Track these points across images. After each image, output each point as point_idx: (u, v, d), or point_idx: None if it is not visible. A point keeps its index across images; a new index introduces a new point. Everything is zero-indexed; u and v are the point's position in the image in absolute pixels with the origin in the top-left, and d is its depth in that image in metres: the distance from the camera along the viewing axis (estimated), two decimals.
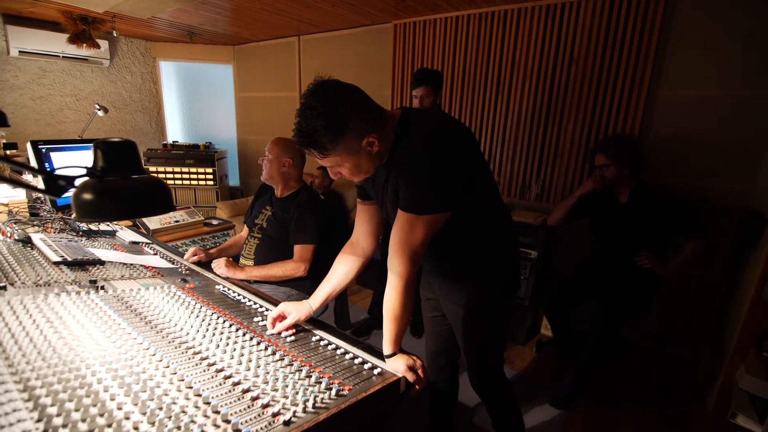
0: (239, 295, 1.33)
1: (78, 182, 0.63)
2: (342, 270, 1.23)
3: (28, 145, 1.81)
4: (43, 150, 1.89)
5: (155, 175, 4.47)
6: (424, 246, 1.00)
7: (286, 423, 0.68)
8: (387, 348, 0.98)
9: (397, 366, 0.94)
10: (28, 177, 2.00)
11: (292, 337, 1.05)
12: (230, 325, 1.05)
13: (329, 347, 1.01)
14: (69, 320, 0.92)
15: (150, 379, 0.74)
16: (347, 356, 0.97)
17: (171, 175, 4.51)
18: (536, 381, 2.29)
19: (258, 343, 0.97)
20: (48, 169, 0.55)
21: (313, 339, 1.06)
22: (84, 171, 0.65)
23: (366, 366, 0.93)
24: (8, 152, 2.55)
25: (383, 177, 1.07)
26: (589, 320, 2.13)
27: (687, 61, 2.30)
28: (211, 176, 4.52)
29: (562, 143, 2.76)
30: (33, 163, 1.82)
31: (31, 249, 1.44)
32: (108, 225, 2.01)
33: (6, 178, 0.51)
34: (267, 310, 1.22)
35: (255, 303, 1.27)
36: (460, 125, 1.06)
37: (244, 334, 1.01)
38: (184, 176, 4.53)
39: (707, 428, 1.93)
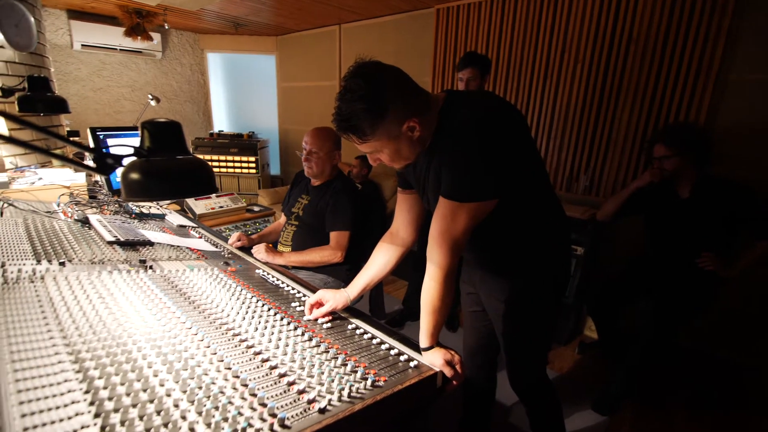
0: (278, 280, 1.35)
1: (126, 162, 0.64)
2: (380, 260, 1.21)
3: (88, 131, 1.93)
4: (101, 136, 2.00)
5: None
6: (466, 236, 0.95)
7: (321, 411, 0.66)
8: (424, 341, 0.95)
9: (435, 360, 0.90)
10: (89, 162, 2.13)
11: (329, 324, 1.04)
12: (269, 309, 1.05)
13: (365, 336, 1.00)
14: (119, 297, 0.96)
15: (191, 357, 0.75)
16: (383, 347, 0.95)
17: (216, 163, 4.69)
18: (578, 384, 2.18)
19: (295, 329, 0.97)
20: (97, 148, 0.56)
21: (349, 327, 1.05)
22: (132, 150, 0.66)
23: (402, 358, 0.91)
24: (71, 139, 2.73)
25: (425, 163, 1.02)
26: (639, 321, 1.99)
27: (764, 42, 2.04)
28: (253, 165, 4.66)
29: (616, 132, 2.57)
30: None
31: (89, 229, 1.53)
32: (158, 208, 2.11)
33: (62, 156, 0.52)
34: (304, 296, 1.23)
35: (293, 289, 1.27)
36: (512, 107, 0.99)
37: (281, 319, 1.01)
38: (229, 164, 4.70)
39: None
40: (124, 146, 0.65)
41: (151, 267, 1.23)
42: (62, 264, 1.10)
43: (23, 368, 0.62)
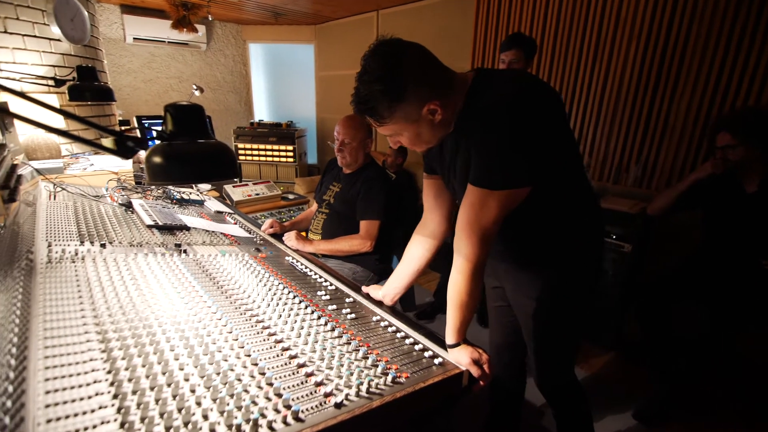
0: (306, 267, 1.34)
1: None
2: (412, 254, 1.17)
3: (134, 120, 2.02)
4: (146, 124, 2.09)
5: (243, 151, 4.83)
6: (496, 226, 0.88)
7: (338, 405, 0.64)
8: (450, 337, 0.90)
9: (461, 358, 0.86)
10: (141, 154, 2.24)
11: (353, 315, 1.02)
12: (294, 297, 1.05)
13: (389, 329, 0.96)
14: (151, 279, 0.98)
15: (213, 342, 0.76)
16: (407, 341, 0.91)
17: (256, 152, 4.81)
18: (618, 389, 2.04)
19: (319, 318, 0.95)
20: (119, 131, 0.56)
21: (374, 319, 1.02)
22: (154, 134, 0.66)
23: (426, 354, 0.87)
24: (122, 128, 2.89)
25: (452, 147, 0.96)
26: (692, 326, 1.82)
27: None
28: (291, 153, 4.73)
29: (674, 118, 2.34)
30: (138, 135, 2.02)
31: (131, 213, 1.60)
32: (198, 195, 2.18)
33: (80, 138, 0.53)
34: (331, 285, 1.21)
35: (320, 277, 1.26)
36: (547, 87, 0.91)
37: (306, 307, 1.00)
38: (268, 153, 4.81)
39: None
40: (151, 129, 0.65)
41: (185, 251, 1.27)
42: (103, 246, 1.15)
43: (53, 345, 0.65)
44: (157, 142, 0.67)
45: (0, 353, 0.56)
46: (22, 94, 0.54)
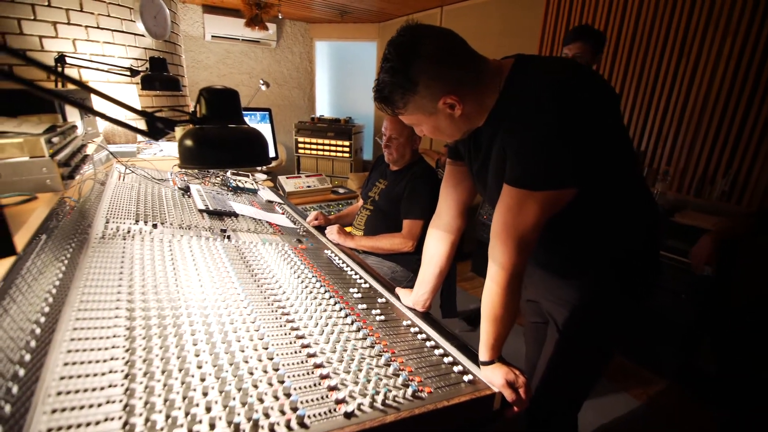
0: (343, 263, 1.32)
1: (179, 128, 0.64)
2: (431, 255, 1.10)
3: None
4: None
5: (302, 145, 4.98)
6: (535, 232, 0.78)
7: (347, 415, 0.59)
8: (483, 353, 0.81)
9: (494, 378, 0.77)
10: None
11: (382, 317, 0.97)
12: (325, 292, 1.02)
13: (419, 336, 0.90)
14: (189, 262, 1.01)
15: (234, 331, 0.74)
16: (436, 351, 0.84)
17: (314, 146, 4.94)
18: (678, 429, 1.78)
19: (346, 316, 0.92)
20: (150, 113, 0.56)
21: (404, 323, 0.96)
22: (187, 117, 0.65)
23: (456, 368, 0.79)
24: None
25: (486, 139, 0.86)
26: None
27: None
28: (347, 149, 4.79)
29: None
30: None
31: (188, 197, 1.68)
32: (252, 184, 2.26)
33: (114, 120, 0.53)
34: (366, 282, 1.17)
35: (356, 274, 1.23)
36: (597, 76, 0.79)
37: (335, 303, 0.97)
38: (325, 147, 4.91)
39: None
40: (183, 112, 0.65)
41: (228, 237, 1.30)
42: (154, 226, 1.21)
43: (83, 318, 0.67)
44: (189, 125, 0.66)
45: (27, 322, 0.59)
46: (75, 81, 0.56)
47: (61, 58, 1.91)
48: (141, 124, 0.65)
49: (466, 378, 0.77)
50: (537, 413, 1.06)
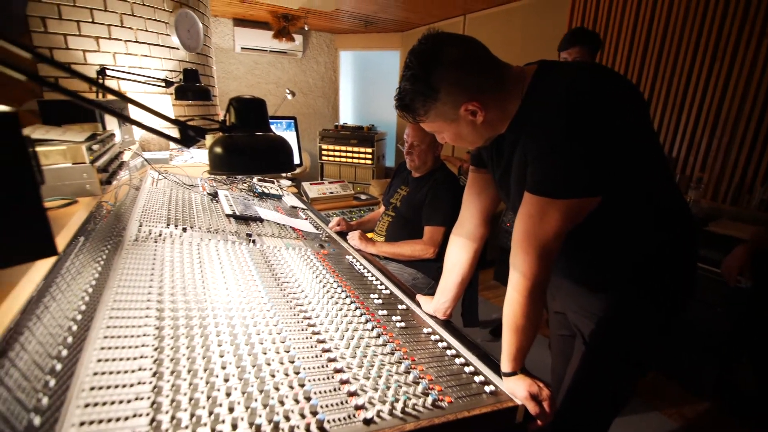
0: (365, 268, 1.32)
1: (210, 136, 0.66)
2: (453, 262, 1.09)
3: None
4: None
5: (326, 152, 5.06)
6: (558, 241, 0.76)
7: (366, 422, 0.59)
8: (506, 364, 0.79)
9: (517, 390, 0.75)
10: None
11: (403, 323, 0.96)
12: (346, 297, 1.03)
13: (439, 344, 0.89)
14: (216, 265, 1.04)
15: (257, 333, 0.76)
16: (457, 360, 0.83)
17: (338, 153, 5.01)
18: None
19: (366, 322, 0.92)
20: (182, 122, 0.59)
21: (425, 331, 0.95)
22: (217, 126, 0.68)
23: (477, 378, 0.78)
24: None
25: (509, 145, 0.85)
26: None
27: None
28: (370, 156, 4.84)
29: None
30: None
31: (216, 202, 1.74)
32: (278, 190, 2.31)
33: (144, 125, 0.56)
34: (386, 288, 1.18)
35: (377, 279, 1.23)
36: (623, 79, 0.77)
37: (356, 309, 0.97)
38: (348, 154, 4.97)
39: None
40: (212, 120, 0.68)
41: (254, 241, 1.33)
42: (184, 230, 1.26)
43: (116, 317, 0.70)
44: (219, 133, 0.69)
45: (65, 319, 0.62)
46: (111, 90, 0.59)
47: (102, 71, 2.03)
48: (174, 132, 0.68)
49: (487, 389, 0.75)
50: (562, 428, 1.03)
